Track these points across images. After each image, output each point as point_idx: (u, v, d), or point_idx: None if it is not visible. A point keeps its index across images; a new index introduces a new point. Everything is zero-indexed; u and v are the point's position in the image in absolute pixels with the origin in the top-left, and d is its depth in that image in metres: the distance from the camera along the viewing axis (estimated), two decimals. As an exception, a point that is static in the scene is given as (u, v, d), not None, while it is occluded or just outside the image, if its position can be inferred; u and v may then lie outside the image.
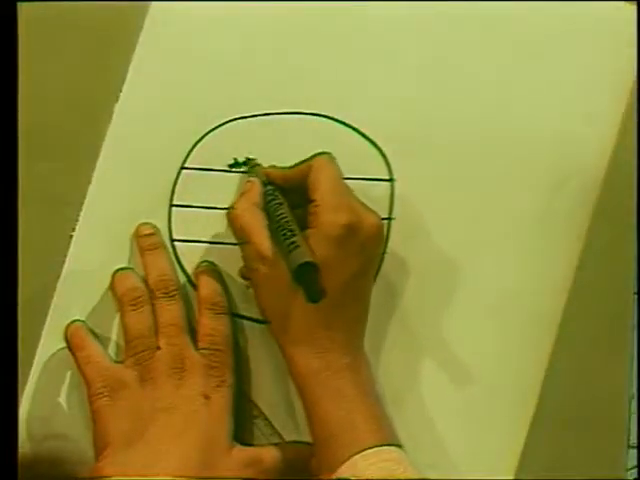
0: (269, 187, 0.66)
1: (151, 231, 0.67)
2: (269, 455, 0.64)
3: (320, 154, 0.66)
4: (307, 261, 0.62)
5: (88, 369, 0.64)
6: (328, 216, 0.63)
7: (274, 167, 0.67)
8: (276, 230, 0.63)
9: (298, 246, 0.62)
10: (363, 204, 0.65)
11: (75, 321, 0.66)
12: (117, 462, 0.61)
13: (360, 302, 0.65)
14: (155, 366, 0.63)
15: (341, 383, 0.62)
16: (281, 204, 0.65)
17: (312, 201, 0.64)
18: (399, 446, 0.62)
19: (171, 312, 0.65)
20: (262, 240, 0.62)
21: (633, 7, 0.69)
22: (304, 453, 0.65)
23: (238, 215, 0.64)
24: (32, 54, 0.67)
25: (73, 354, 0.65)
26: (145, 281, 0.66)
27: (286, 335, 0.63)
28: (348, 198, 0.64)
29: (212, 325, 0.65)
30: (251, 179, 0.66)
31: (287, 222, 0.63)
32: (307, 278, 0.62)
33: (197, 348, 0.65)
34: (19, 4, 0.65)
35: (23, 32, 0.65)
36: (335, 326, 0.63)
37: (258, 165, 0.68)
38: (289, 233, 0.63)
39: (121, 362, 0.65)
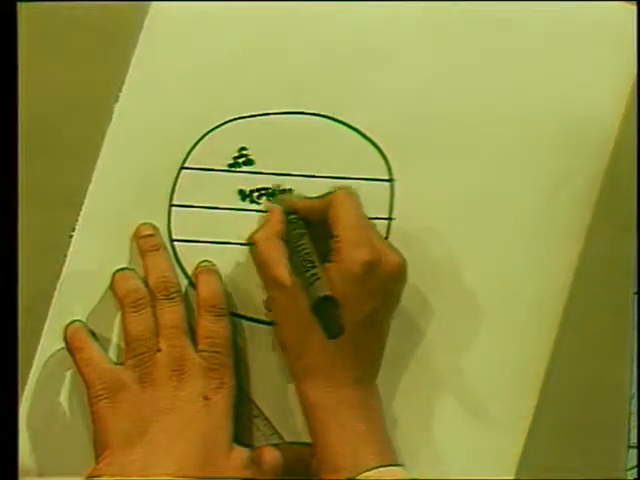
0: (292, 216, 0.66)
1: (151, 232, 0.67)
2: (269, 456, 0.64)
3: (341, 188, 0.66)
4: (327, 295, 0.61)
5: (88, 371, 0.64)
6: (349, 252, 0.62)
7: (299, 197, 0.67)
8: (296, 261, 0.63)
9: (318, 278, 0.62)
10: (386, 241, 0.65)
11: (74, 322, 0.66)
12: (116, 463, 0.61)
13: (377, 340, 0.65)
14: (155, 368, 0.63)
15: (352, 419, 0.62)
16: (303, 234, 0.65)
17: (334, 236, 0.63)
18: (400, 465, 0.62)
19: (172, 314, 0.65)
20: (281, 270, 0.63)
21: (633, 7, 0.69)
22: (304, 454, 0.65)
23: (258, 244, 0.64)
24: (32, 54, 0.67)
25: (72, 355, 0.65)
26: (145, 282, 0.66)
27: (301, 367, 0.63)
28: (370, 234, 0.64)
29: (211, 327, 0.65)
30: (273, 207, 0.66)
31: (307, 253, 0.63)
32: (326, 313, 0.61)
33: (197, 350, 0.64)
34: (19, 4, 0.65)
35: (23, 32, 0.65)
36: (351, 362, 0.63)
37: (284, 192, 0.68)
38: (309, 265, 0.62)
39: (121, 364, 0.64)
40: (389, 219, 0.68)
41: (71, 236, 0.68)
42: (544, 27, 0.70)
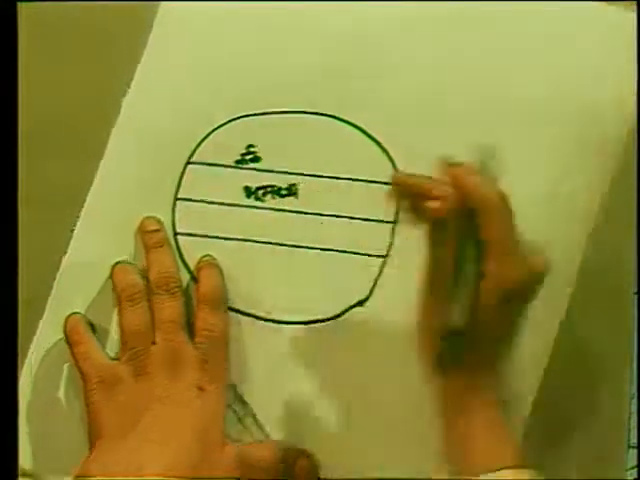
0: None
1: (157, 227, 0.67)
2: (260, 453, 0.64)
3: (496, 193, 0.63)
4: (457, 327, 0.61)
5: (85, 365, 0.64)
6: (501, 270, 0.61)
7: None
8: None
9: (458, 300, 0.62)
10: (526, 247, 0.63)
11: (74, 314, 0.67)
12: (109, 451, 0.61)
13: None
14: (150, 361, 0.64)
15: (491, 416, 0.62)
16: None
17: (484, 241, 0.62)
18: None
19: (171, 309, 0.65)
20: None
21: (633, 7, 0.69)
22: (294, 453, 0.65)
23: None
24: (32, 54, 0.68)
25: (70, 348, 0.65)
26: (145, 276, 0.66)
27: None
28: (518, 246, 0.62)
29: (210, 320, 0.65)
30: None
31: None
32: (450, 344, 0.62)
33: (194, 343, 0.65)
34: (19, 4, 0.65)
35: (23, 32, 0.65)
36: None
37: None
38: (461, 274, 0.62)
39: (117, 359, 0.65)
40: (394, 222, 0.68)
41: (73, 230, 0.68)
42: (545, 28, 0.69)
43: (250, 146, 0.68)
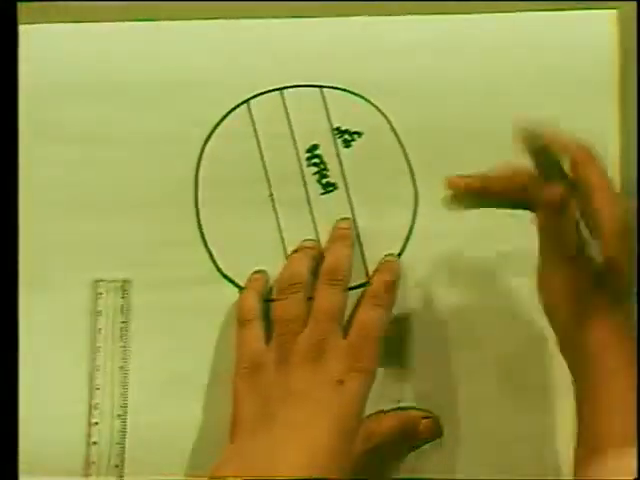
0: None
1: (348, 227, 0.68)
2: (386, 424, 0.65)
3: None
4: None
5: (240, 350, 0.64)
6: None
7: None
8: None
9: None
10: None
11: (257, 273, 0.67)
12: (244, 444, 0.60)
13: None
14: (295, 350, 0.62)
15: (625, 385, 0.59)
16: None
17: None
18: None
19: (328, 298, 0.64)
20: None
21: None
22: (417, 416, 0.66)
23: None
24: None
25: (237, 327, 0.65)
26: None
27: None
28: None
29: (368, 315, 0.64)
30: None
31: None
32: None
33: (345, 337, 0.63)
34: (19, 4, 0.65)
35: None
36: None
37: None
38: None
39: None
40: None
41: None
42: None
43: None
